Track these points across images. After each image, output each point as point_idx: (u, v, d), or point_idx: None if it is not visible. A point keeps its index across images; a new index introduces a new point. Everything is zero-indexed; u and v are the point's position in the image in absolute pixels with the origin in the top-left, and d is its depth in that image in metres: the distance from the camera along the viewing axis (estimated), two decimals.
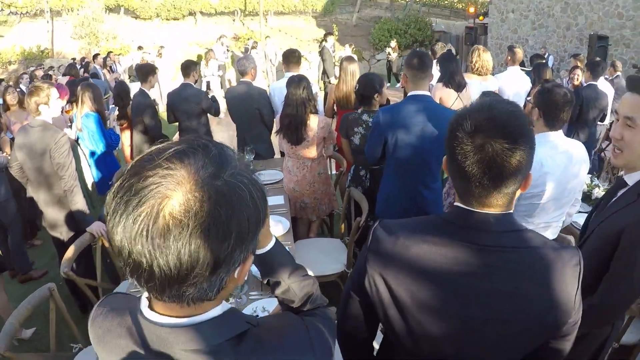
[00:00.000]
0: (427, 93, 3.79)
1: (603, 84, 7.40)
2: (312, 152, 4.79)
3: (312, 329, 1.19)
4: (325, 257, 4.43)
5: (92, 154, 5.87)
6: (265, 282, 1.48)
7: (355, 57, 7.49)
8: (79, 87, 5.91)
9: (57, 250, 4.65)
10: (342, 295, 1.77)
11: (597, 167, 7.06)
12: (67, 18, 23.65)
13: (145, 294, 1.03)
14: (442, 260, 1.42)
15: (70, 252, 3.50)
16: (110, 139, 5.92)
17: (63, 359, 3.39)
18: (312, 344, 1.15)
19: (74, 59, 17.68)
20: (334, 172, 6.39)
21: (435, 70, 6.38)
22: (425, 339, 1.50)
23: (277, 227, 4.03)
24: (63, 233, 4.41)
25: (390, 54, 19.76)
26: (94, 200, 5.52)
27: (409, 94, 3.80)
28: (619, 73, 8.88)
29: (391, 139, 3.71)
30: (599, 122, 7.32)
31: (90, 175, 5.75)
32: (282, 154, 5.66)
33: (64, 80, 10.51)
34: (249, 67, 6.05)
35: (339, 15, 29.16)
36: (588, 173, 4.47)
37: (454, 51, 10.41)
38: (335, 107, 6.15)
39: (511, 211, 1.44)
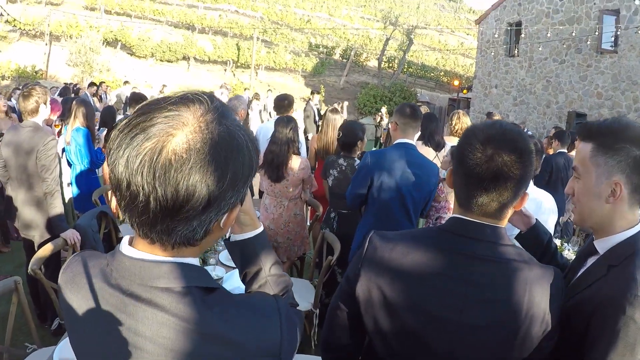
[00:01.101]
0: (413, 142, 3.94)
1: None
2: (290, 191, 4.91)
3: (281, 302, 1.19)
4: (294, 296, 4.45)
5: (74, 168, 5.95)
6: (241, 277, 1.44)
7: (340, 110, 7.72)
8: (74, 102, 6.01)
9: (26, 254, 4.63)
10: (329, 309, 1.80)
11: (570, 233, 7.25)
12: (65, 44, 23.87)
13: (128, 238, 1.09)
14: (437, 265, 1.52)
15: (42, 251, 3.44)
16: (96, 157, 5.98)
17: (15, 356, 3.36)
18: (279, 311, 1.15)
19: (66, 83, 17.82)
20: (309, 220, 6.49)
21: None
22: (415, 340, 1.55)
23: None
24: (36, 235, 4.36)
25: (382, 119, 19.91)
26: (69, 214, 5.54)
27: (396, 142, 3.93)
28: None
29: (377, 181, 3.83)
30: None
31: (69, 190, 5.82)
32: (261, 194, 5.80)
33: (58, 99, 10.65)
34: (240, 107, 6.20)
35: (327, 77, 29.76)
36: (559, 238, 4.66)
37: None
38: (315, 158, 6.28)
39: (504, 226, 1.57)
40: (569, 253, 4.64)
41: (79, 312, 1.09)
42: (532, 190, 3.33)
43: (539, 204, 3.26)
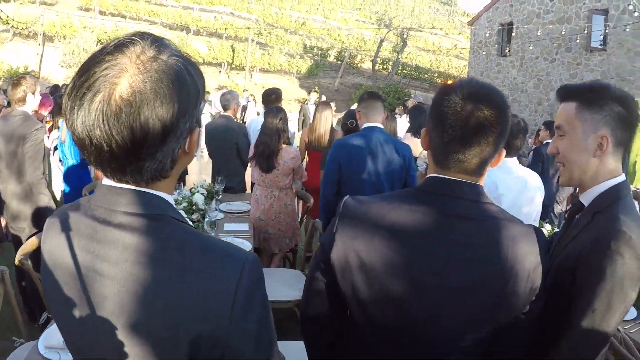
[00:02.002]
0: (380, 125, 3.97)
1: None
2: (281, 181, 4.94)
3: (251, 259, 1.10)
4: (284, 285, 4.45)
5: (65, 163, 5.95)
6: None
7: (332, 105, 7.76)
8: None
9: (15, 248, 4.47)
10: (306, 280, 1.75)
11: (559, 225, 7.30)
12: (58, 45, 23.81)
13: None
14: (416, 225, 1.46)
15: (30, 243, 3.31)
16: None
17: (1, 350, 3.32)
18: (244, 266, 1.07)
19: (63, 85, 17.77)
20: (300, 213, 6.51)
21: (405, 121, 6.69)
22: (395, 306, 1.49)
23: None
24: (25, 228, 4.36)
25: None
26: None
27: (363, 127, 3.99)
28: None
29: (345, 170, 3.88)
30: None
31: (60, 185, 5.82)
32: (253, 186, 5.82)
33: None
34: (232, 102, 6.26)
35: (321, 79, 29.81)
36: (548, 223, 4.66)
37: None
38: (307, 150, 6.36)
39: (482, 184, 1.53)
40: (550, 229, 4.67)
41: (53, 252, 1.13)
42: (518, 168, 3.34)
43: (525, 182, 3.26)
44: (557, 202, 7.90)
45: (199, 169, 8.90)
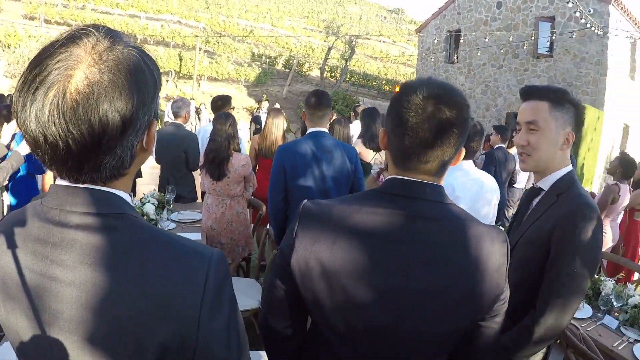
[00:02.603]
0: (325, 130, 3.97)
1: None
2: (232, 189, 4.90)
3: (217, 256, 1.08)
4: (240, 295, 4.38)
5: (15, 174, 5.77)
6: None
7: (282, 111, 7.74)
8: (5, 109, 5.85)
9: None
10: (265, 288, 1.69)
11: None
12: (2, 54, 23.03)
13: None
14: (379, 228, 1.43)
15: None
16: (36, 161, 5.82)
17: None
18: (209, 264, 1.05)
19: (8, 95, 17.17)
20: (250, 221, 6.46)
21: (358, 127, 6.71)
22: (359, 311, 1.44)
23: None
24: None
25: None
26: None
27: (308, 131, 3.98)
28: None
29: (291, 175, 3.86)
30: (514, 186, 7.97)
31: (7, 197, 5.64)
32: (204, 195, 5.76)
33: None
34: (184, 109, 6.17)
35: (270, 87, 29.73)
36: (500, 225, 4.79)
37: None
38: (257, 158, 6.28)
39: (442, 184, 1.51)
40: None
41: (1, 263, 1.07)
42: (474, 171, 3.39)
43: (482, 184, 3.32)
44: (508, 206, 8.10)
45: (149, 178, 8.74)
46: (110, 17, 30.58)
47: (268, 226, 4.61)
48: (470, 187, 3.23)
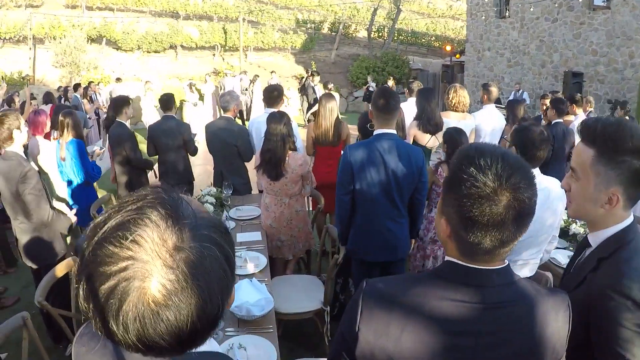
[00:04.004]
0: (393, 131, 3.90)
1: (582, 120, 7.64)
2: (290, 188, 4.80)
3: None
4: (302, 294, 4.41)
5: (70, 183, 5.83)
6: None
7: (336, 94, 7.58)
8: (60, 115, 5.85)
9: (33, 277, 4.64)
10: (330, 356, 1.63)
11: None
12: (49, 46, 23.46)
13: None
14: (447, 319, 1.37)
15: (44, 281, 3.42)
16: (92, 170, 5.89)
17: None
18: None
19: (60, 87, 17.56)
20: (311, 209, 6.40)
21: (413, 105, 6.46)
22: None
23: (255, 263, 4.07)
24: (38, 262, 4.39)
25: (371, 87, 20.28)
26: (76, 232, 5.47)
27: (375, 133, 3.91)
28: (591, 109, 9.03)
29: (358, 175, 3.84)
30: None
31: (68, 208, 5.71)
32: (260, 192, 5.69)
33: (47, 108, 10.49)
34: (232, 103, 6.10)
35: (317, 53, 29.44)
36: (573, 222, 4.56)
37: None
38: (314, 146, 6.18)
39: (508, 262, 1.43)
40: (577, 226, 4.55)
41: None
42: (541, 179, 3.19)
43: (548, 193, 3.14)
44: None
45: (205, 177, 8.83)
46: None
47: (331, 225, 4.55)
48: (537, 200, 3.03)
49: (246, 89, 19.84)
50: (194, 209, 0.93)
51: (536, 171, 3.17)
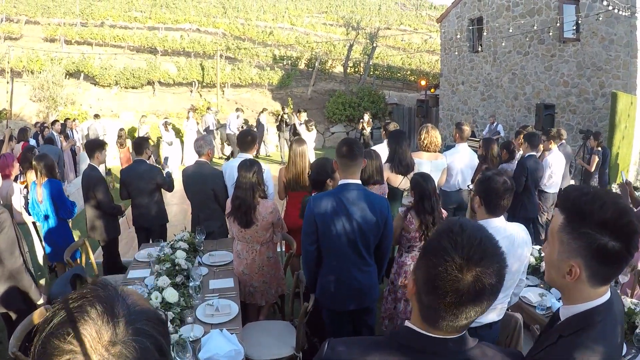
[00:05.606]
0: (358, 181, 3.91)
1: (556, 154, 8.09)
2: (261, 236, 4.84)
3: None
4: (274, 340, 4.43)
5: (46, 217, 5.85)
6: None
7: (313, 131, 7.64)
8: (33, 161, 5.89)
9: (5, 324, 4.57)
10: None
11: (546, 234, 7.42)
12: (27, 79, 23.36)
13: None
14: None
15: (17, 331, 3.38)
16: (70, 206, 5.94)
17: None
18: None
19: (37, 122, 17.46)
20: (284, 250, 6.42)
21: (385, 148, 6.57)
22: None
23: (227, 311, 4.09)
24: (11, 313, 4.30)
25: (365, 129, 20.20)
26: (44, 272, 5.44)
27: (339, 183, 3.93)
28: (563, 141, 9.22)
29: (322, 226, 3.83)
30: (547, 191, 7.91)
31: (41, 246, 5.72)
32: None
33: (19, 147, 10.44)
34: (206, 147, 6.19)
35: (294, 89, 29.59)
36: (537, 244, 4.66)
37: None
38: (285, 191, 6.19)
39: (465, 332, 1.48)
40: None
41: None
42: (504, 225, 3.28)
43: (512, 240, 3.22)
44: (542, 212, 7.94)
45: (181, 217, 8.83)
46: (129, 32, 30.70)
47: (301, 272, 4.57)
48: (503, 248, 3.12)
49: (246, 124, 20.18)
50: (130, 303, 1.03)
51: (500, 220, 3.25)
